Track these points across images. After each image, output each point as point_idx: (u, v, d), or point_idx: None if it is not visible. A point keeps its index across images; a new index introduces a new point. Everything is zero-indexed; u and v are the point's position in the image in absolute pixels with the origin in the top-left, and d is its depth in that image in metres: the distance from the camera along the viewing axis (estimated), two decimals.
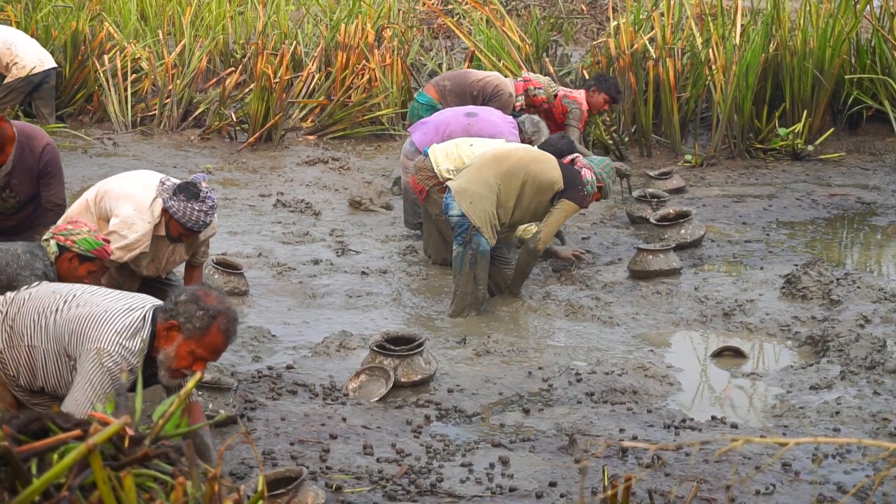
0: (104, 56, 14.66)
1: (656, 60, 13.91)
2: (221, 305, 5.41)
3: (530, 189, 8.99)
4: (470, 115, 10.56)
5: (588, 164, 9.21)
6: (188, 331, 5.36)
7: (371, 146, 14.30)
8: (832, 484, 6.30)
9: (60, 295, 5.59)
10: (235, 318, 5.48)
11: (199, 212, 7.25)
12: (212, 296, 5.43)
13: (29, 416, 3.60)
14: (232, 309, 5.46)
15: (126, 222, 7.30)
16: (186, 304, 5.38)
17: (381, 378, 7.62)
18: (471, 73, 12.02)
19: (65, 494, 3.34)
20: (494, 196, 8.94)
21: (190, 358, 5.38)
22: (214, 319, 5.35)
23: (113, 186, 7.49)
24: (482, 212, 8.91)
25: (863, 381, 7.68)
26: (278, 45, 15.46)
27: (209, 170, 12.77)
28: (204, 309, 5.35)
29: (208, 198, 7.30)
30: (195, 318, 5.35)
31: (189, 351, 5.37)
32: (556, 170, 9.04)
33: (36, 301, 5.58)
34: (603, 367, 7.94)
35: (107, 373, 5.35)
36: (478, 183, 8.96)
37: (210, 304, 5.37)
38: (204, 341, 5.37)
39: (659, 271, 9.73)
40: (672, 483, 6.22)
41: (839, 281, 9.25)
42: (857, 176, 13.37)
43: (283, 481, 5.88)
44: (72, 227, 6.61)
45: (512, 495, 6.15)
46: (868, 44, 14.41)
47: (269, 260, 10.20)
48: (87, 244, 6.54)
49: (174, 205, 7.25)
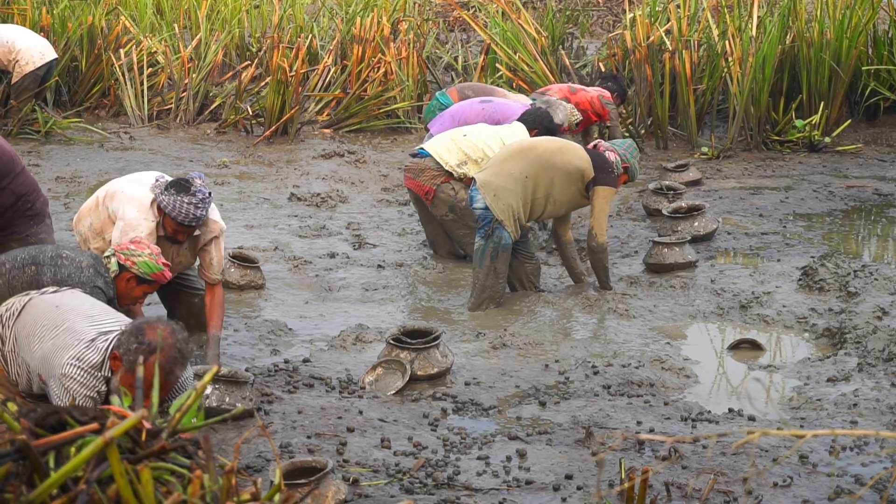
0: (120, 50, 14.69)
1: (672, 52, 13.88)
2: (163, 341, 5.22)
3: (560, 180, 8.93)
4: (484, 102, 10.60)
5: (610, 146, 9.18)
6: (127, 363, 5.26)
7: (387, 139, 14.30)
8: (850, 476, 6.28)
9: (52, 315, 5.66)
10: (180, 354, 5.27)
11: (188, 205, 7.23)
12: (153, 330, 5.26)
13: (46, 409, 3.61)
14: (179, 346, 5.26)
15: (131, 224, 7.33)
16: (128, 335, 5.28)
17: (397, 371, 7.62)
18: (497, 91, 11.94)
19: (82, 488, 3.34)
20: (520, 189, 8.90)
21: (131, 391, 5.18)
22: (150, 355, 5.18)
23: (119, 189, 7.52)
24: (506, 205, 8.88)
25: (880, 373, 7.66)
26: (294, 38, 15.47)
27: (226, 163, 12.78)
28: (141, 343, 5.23)
29: (199, 191, 7.27)
30: (131, 352, 5.24)
31: (129, 384, 5.25)
32: (582, 158, 8.99)
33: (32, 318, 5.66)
34: (620, 360, 7.93)
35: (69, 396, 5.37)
36: (502, 176, 8.93)
37: (148, 339, 5.21)
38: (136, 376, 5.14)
39: (675, 264, 9.70)
40: (689, 476, 6.21)
41: (856, 273, 9.22)
42: (875, 167, 13.33)
43: (308, 471, 5.89)
44: (134, 247, 6.68)
45: (529, 488, 6.15)
46: (885, 35, 14.37)
47: (285, 253, 10.20)
48: (147, 268, 6.64)
49: (164, 199, 7.25)
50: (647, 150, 13.80)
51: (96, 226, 7.54)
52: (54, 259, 6.51)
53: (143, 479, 3.34)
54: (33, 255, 6.54)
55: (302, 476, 5.84)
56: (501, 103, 10.57)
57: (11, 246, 7.29)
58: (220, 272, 7.69)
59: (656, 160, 13.46)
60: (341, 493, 5.82)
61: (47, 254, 6.55)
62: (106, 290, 6.52)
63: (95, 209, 7.56)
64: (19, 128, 13.29)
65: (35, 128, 13.49)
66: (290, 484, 5.72)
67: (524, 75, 14.29)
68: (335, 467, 5.93)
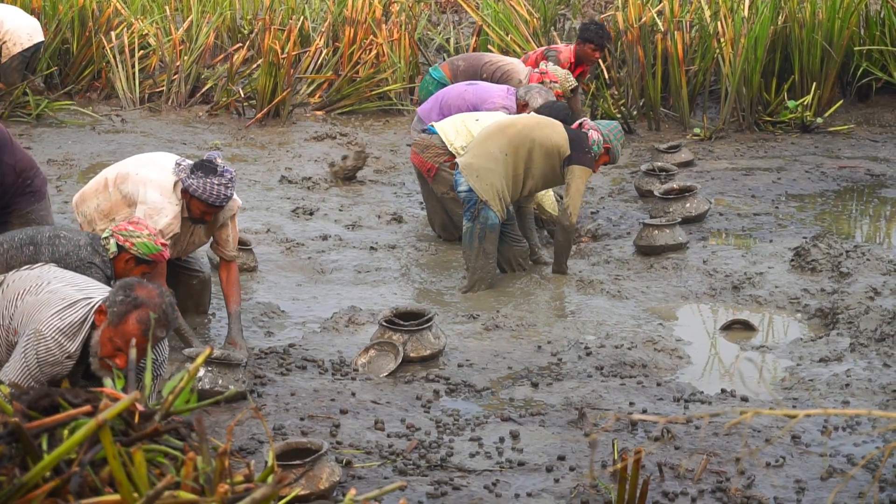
0: (111, 32, 14.64)
1: (664, 33, 13.86)
2: (148, 298, 5.23)
3: (538, 155, 8.97)
4: (469, 84, 10.64)
5: (595, 125, 9.18)
6: (110, 316, 5.25)
7: (379, 121, 14.29)
8: (842, 456, 6.30)
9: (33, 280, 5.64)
10: (164, 312, 5.28)
11: (219, 185, 7.31)
12: (142, 287, 5.27)
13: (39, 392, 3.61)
14: (163, 304, 5.27)
15: (155, 208, 7.35)
16: (116, 290, 5.28)
17: (390, 353, 7.62)
18: (486, 55, 11.94)
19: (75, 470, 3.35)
20: (501, 168, 8.93)
21: (110, 346, 5.25)
22: (135, 309, 5.20)
23: (134, 171, 7.50)
24: (489, 185, 8.91)
25: (872, 353, 7.68)
26: (286, 20, 15.42)
27: (217, 146, 12.76)
28: (129, 297, 5.22)
29: (226, 171, 7.36)
30: (116, 304, 5.24)
31: (108, 338, 5.25)
32: (560, 134, 9.02)
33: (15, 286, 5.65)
34: (612, 341, 7.94)
35: (35, 356, 5.35)
36: (483, 157, 8.97)
37: (136, 294, 5.22)
38: (120, 329, 5.22)
39: (665, 246, 9.70)
40: (682, 456, 6.22)
41: (848, 253, 9.23)
42: (867, 148, 13.33)
43: (302, 452, 5.90)
44: (132, 228, 6.69)
45: (521, 469, 6.16)
46: (877, 15, 14.35)
47: (277, 236, 10.20)
48: (146, 248, 6.65)
49: (193, 182, 7.30)
50: (638, 131, 13.79)
51: (104, 207, 7.52)
52: (52, 238, 6.54)
53: (136, 462, 3.34)
54: (31, 235, 6.57)
55: (296, 457, 5.84)
56: (481, 86, 10.58)
57: (13, 223, 7.37)
58: (236, 248, 7.82)
59: (648, 141, 13.45)
60: (335, 475, 5.82)
61: (45, 234, 6.58)
62: (104, 268, 6.53)
63: (104, 191, 7.54)
64: (10, 111, 13.25)
65: (27, 110, 13.46)
66: (284, 465, 5.72)
67: (516, 56, 14.26)
68: (329, 449, 5.93)
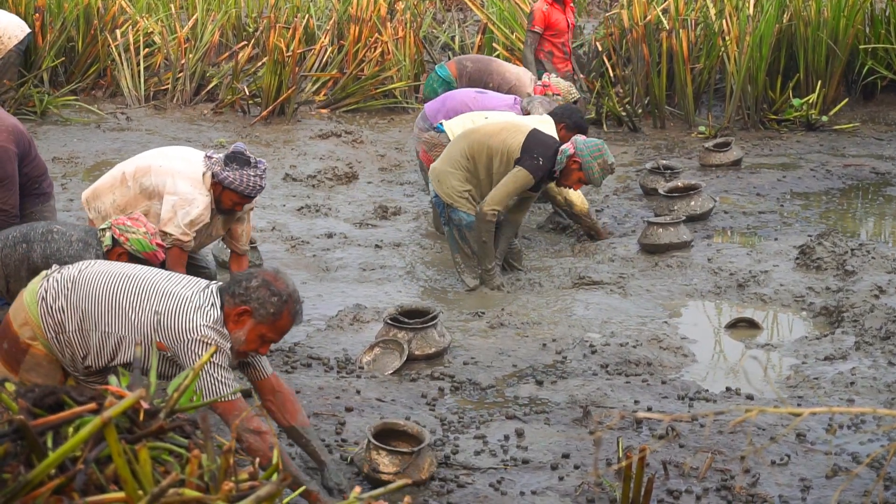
0: (117, 30, 14.65)
1: (669, 31, 13.85)
2: (290, 289, 5.47)
3: (496, 160, 8.95)
4: (480, 92, 10.62)
5: (576, 140, 8.91)
6: (261, 316, 5.40)
7: (384, 119, 14.29)
8: (847, 454, 6.30)
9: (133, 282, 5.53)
10: (300, 299, 5.55)
11: (254, 177, 7.40)
12: (280, 280, 5.48)
13: (44, 389, 3.61)
14: (297, 291, 5.54)
15: (186, 199, 7.39)
16: (259, 289, 5.41)
17: (395, 351, 7.63)
18: (495, 62, 11.91)
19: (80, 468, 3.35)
20: (461, 172, 9.01)
21: (259, 341, 5.46)
22: (286, 304, 5.42)
23: (157, 163, 7.51)
24: (449, 188, 9.03)
25: (877, 351, 7.67)
26: (291, 18, 15.43)
27: (222, 144, 12.76)
28: (277, 295, 5.41)
29: (259, 162, 7.46)
30: (268, 304, 5.40)
31: (259, 335, 5.44)
32: (517, 140, 8.90)
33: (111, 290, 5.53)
34: (617, 339, 7.94)
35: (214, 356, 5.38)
36: (445, 161, 9.12)
37: (281, 290, 5.42)
38: (276, 325, 5.44)
39: (669, 245, 9.69)
40: (686, 454, 6.22)
41: (853, 252, 9.22)
42: (872, 146, 13.32)
43: (400, 434, 6.05)
44: (130, 223, 6.68)
45: (526, 467, 6.16)
46: (882, 13, 14.34)
47: (282, 234, 10.20)
48: (140, 245, 6.62)
49: (229, 175, 7.36)
50: (644, 129, 13.79)
51: (120, 202, 7.51)
52: (44, 235, 6.54)
53: (140, 459, 3.34)
54: (24, 232, 6.58)
55: (393, 438, 6.02)
56: (488, 97, 10.53)
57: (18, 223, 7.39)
58: (248, 243, 7.95)
59: (654, 139, 13.45)
60: (434, 465, 5.94)
61: (38, 230, 6.58)
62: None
63: (120, 185, 7.53)
64: (16, 108, 13.26)
65: (31, 107, 13.47)
66: (391, 451, 5.84)
67: (521, 55, 14.25)
68: (433, 442, 6.11)
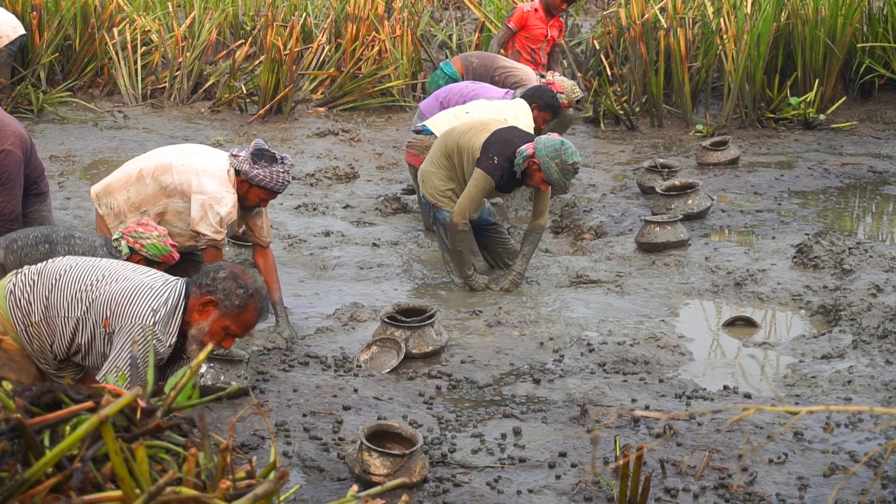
0: (114, 29, 14.64)
1: (667, 30, 13.85)
2: (258, 284, 5.53)
3: (465, 159, 8.92)
4: (471, 84, 10.65)
5: (537, 140, 8.69)
6: (225, 307, 5.46)
7: (381, 118, 14.28)
8: (844, 453, 6.30)
9: (97, 269, 5.60)
10: (267, 297, 5.62)
11: (283, 173, 7.52)
12: (248, 274, 5.55)
13: (41, 388, 3.61)
14: (265, 288, 5.60)
15: (215, 197, 7.44)
16: (225, 280, 5.47)
17: (392, 350, 7.63)
18: (499, 59, 11.91)
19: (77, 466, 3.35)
20: (442, 171, 9.02)
21: (222, 333, 5.49)
22: (252, 298, 5.47)
23: (178, 161, 7.54)
24: (432, 188, 9.04)
25: (875, 350, 7.67)
26: (288, 16, 15.41)
27: (220, 142, 12.76)
28: (243, 287, 5.46)
29: (284, 158, 7.55)
30: (234, 296, 5.45)
31: (223, 326, 5.48)
32: (481, 138, 8.83)
33: (74, 276, 5.58)
34: (614, 338, 7.94)
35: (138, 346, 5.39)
36: (428, 161, 9.16)
37: (248, 283, 5.48)
38: (240, 318, 5.49)
39: (666, 243, 9.69)
40: (684, 452, 6.22)
41: (851, 250, 9.22)
42: (870, 145, 13.32)
43: (393, 436, 6.06)
44: (142, 230, 6.76)
45: (523, 466, 6.16)
46: (880, 12, 14.34)
47: (280, 232, 10.20)
48: (156, 249, 6.74)
49: (259, 173, 7.45)
50: (641, 127, 13.79)
51: (135, 200, 7.51)
52: (67, 238, 6.58)
53: (138, 458, 3.34)
54: (46, 233, 6.61)
55: (387, 440, 6.03)
56: (485, 88, 10.55)
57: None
58: (270, 235, 8.08)
59: (651, 138, 13.45)
60: (426, 468, 5.94)
61: (59, 233, 6.63)
62: None
63: (136, 182, 7.52)
64: (12, 107, 13.25)
65: (27, 106, 13.46)
66: (383, 453, 5.84)
67: None
68: (429, 441, 6.15)
